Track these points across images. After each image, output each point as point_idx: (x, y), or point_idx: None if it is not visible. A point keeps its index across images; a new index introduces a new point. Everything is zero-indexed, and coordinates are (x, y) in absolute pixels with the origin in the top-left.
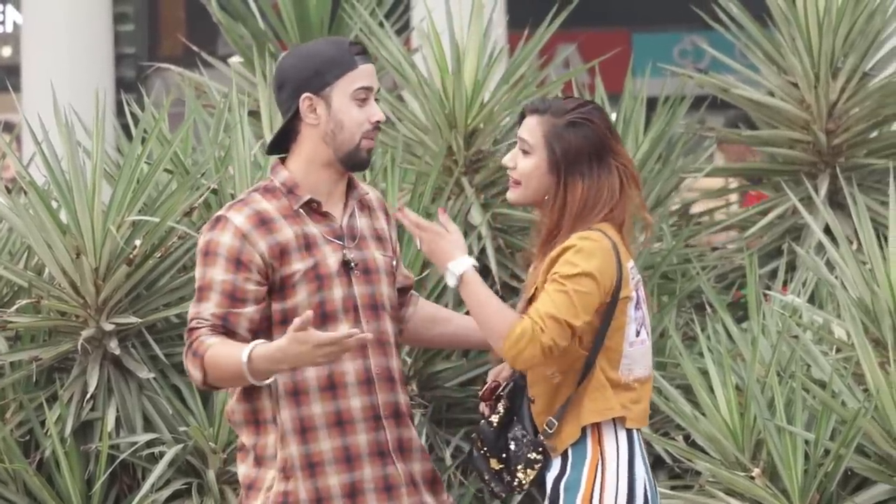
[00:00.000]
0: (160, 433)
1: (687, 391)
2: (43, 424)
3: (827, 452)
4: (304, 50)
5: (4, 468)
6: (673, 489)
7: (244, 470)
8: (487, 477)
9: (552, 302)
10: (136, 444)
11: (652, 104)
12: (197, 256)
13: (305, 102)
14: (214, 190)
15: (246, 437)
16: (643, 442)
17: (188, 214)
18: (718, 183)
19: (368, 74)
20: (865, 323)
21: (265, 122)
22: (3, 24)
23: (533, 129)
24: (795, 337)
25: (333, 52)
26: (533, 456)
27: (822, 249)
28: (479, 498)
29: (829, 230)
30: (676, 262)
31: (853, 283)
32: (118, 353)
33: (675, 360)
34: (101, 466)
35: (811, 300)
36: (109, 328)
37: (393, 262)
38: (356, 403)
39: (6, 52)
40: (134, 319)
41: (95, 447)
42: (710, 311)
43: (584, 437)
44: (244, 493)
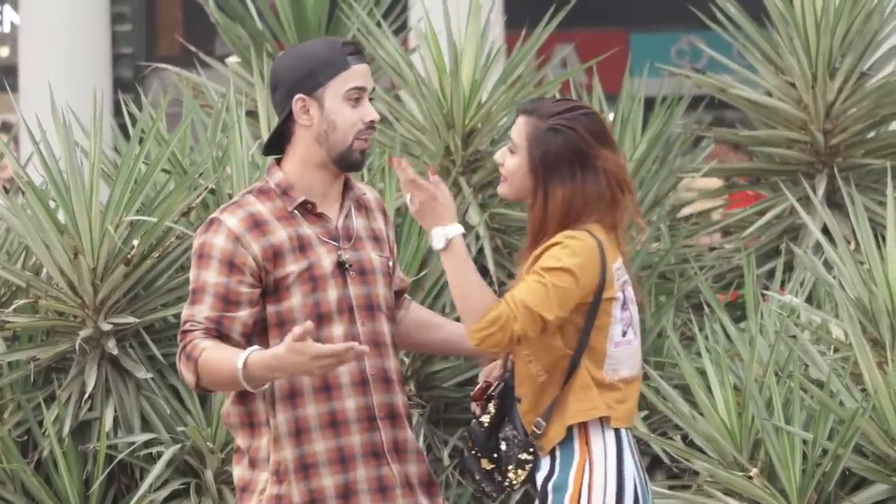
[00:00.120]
0: (158, 433)
1: (685, 391)
2: (41, 424)
3: (825, 452)
4: (297, 51)
5: (2, 468)
6: (671, 489)
7: (239, 472)
8: (478, 477)
9: (529, 291)
10: (133, 444)
11: (649, 104)
12: (191, 258)
13: (298, 103)
14: (212, 190)
15: (241, 439)
16: (634, 441)
17: (186, 214)
18: (717, 183)
19: (362, 74)
20: (863, 323)
21: (263, 122)
22: (0, 24)
23: (520, 129)
24: (793, 337)
25: (326, 52)
26: (523, 456)
27: (819, 249)
28: (476, 498)
29: (826, 230)
30: (674, 261)
31: (851, 282)
32: (116, 353)
33: (672, 359)
34: (98, 466)
35: (809, 300)
36: (107, 328)
37: (389, 262)
38: (350, 404)
39: (4, 52)
40: (132, 319)
41: (93, 447)
42: (707, 310)
43: (571, 437)
44: (238, 495)
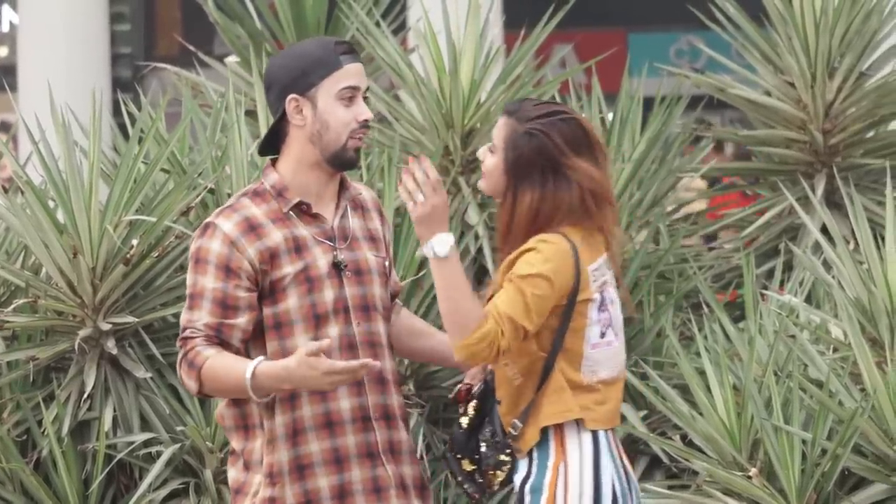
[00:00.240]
0: (157, 433)
1: (684, 391)
2: (40, 424)
3: (824, 452)
4: (290, 51)
5: (1, 468)
6: (670, 489)
7: (233, 474)
8: (460, 478)
9: (510, 303)
10: (133, 443)
11: (648, 104)
12: (189, 262)
13: (292, 104)
14: (211, 189)
15: (235, 441)
16: (615, 441)
17: (185, 214)
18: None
19: (355, 74)
20: (862, 322)
21: (262, 121)
22: None
23: (500, 129)
24: (792, 337)
25: (319, 52)
26: (502, 458)
27: (818, 249)
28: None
29: (825, 230)
30: (673, 261)
31: (850, 282)
32: (115, 352)
33: (671, 359)
34: (98, 466)
35: (808, 300)
36: (106, 328)
37: (386, 262)
38: (345, 405)
39: (3, 51)
40: (131, 319)
41: (92, 447)
42: (706, 310)
43: (546, 439)
44: (232, 496)
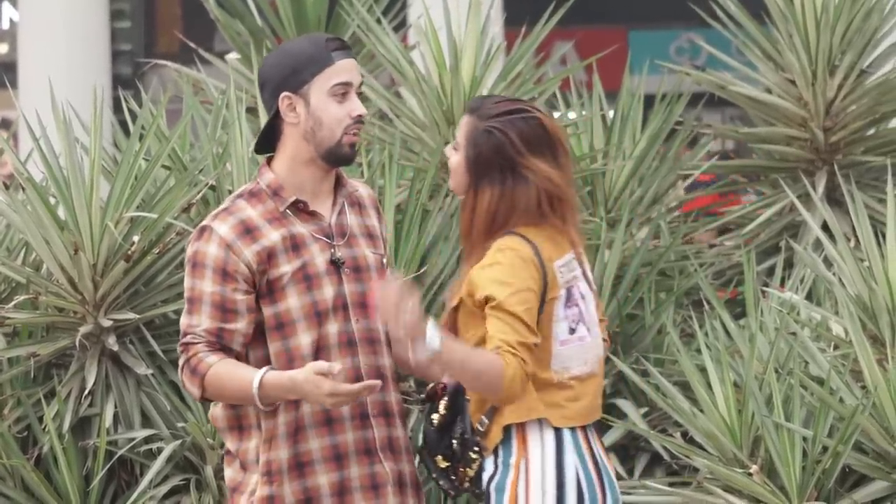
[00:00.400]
0: (158, 429)
1: (685, 388)
2: (41, 420)
3: (825, 449)
4: (283, 49)
5: (2, 464)
6: (671, 486)
7: (230, 473)
8: (435, 475)
9: (513, 330)
10: (133, 440)
11: (649, 101)
12: (186, 266)
13: (285, 101)
14: (212, 186)
15: (230, 442)
16: (586, 437)
17: (186, 211)
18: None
19: (347, 70)
20: (863, 320)
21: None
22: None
23: (462, 126)
24: (793, 334)
25: (310, 49)
26: (471, 455)
27: (819, 246)
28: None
29: (826, 227)
30: (674, 258)
31: (851, 280)
32: (116, 349)
33: (672, 356)
34: (99, 462)
35: (809, 297)
36: (107, 324)
37: (384, 259)
38: None
39: (3, 48)
40: (132, 315)
41: (93, 443)
42: (707, 307)
43: (509, 437)
44: (229, 495)
